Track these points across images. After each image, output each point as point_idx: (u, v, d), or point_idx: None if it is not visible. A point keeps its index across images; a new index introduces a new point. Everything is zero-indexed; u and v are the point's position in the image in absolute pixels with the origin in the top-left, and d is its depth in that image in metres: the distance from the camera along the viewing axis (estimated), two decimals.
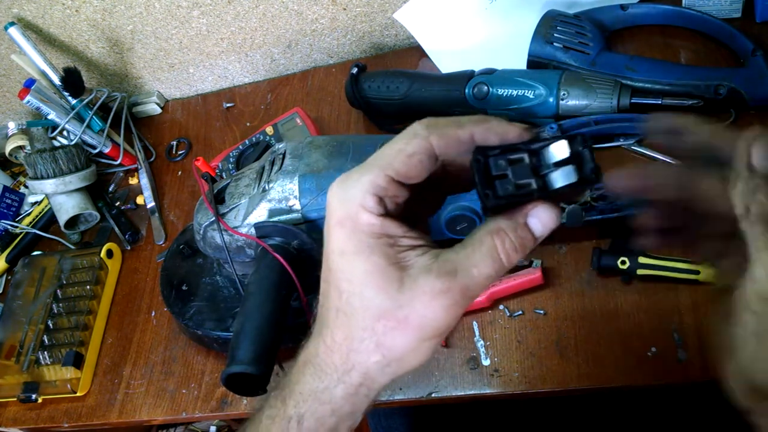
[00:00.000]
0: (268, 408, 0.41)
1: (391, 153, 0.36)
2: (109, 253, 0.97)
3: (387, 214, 0.36)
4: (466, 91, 0.85)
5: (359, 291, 0.36)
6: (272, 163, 0.74)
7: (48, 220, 1.08)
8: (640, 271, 0.69)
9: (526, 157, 0.35)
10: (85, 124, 1.05)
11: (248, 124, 1.08)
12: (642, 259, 0.68)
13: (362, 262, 0.36)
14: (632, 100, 0.78)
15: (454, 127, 0.36)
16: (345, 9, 1.02)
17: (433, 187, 0.39)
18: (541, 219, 0.36)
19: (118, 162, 1.09)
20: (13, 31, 1.01)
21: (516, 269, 0.74)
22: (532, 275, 0.72)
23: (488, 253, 0.35)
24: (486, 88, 0.83)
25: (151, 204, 1.05)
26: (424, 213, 0.41)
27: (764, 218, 0.35)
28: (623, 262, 0.69)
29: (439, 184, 0.39)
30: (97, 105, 1.08)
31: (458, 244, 0.36)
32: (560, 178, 0.35)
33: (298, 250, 0.70)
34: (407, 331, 0.35)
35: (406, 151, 0.35)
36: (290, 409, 0.39)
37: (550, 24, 0.85)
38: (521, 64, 0.86)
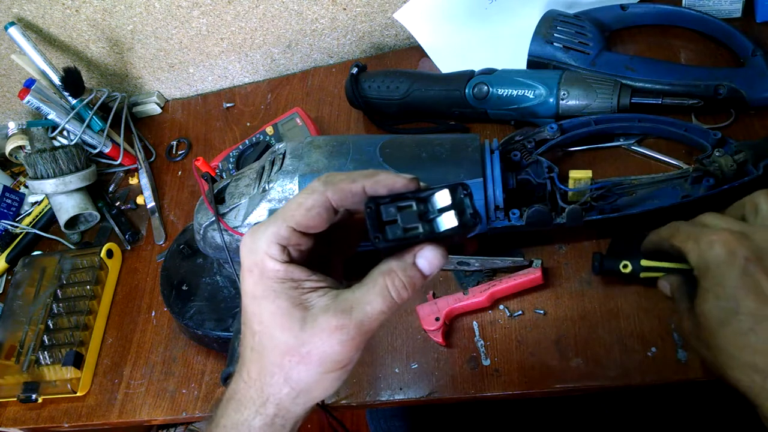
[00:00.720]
0: None
1: (292, 207, 0.40)
2: (109, 253, 0.97)
3: (291, 260, 0.40)
4: (466, 91, 0.85)
5: (268, 331, 0.40)
6: (272, 163, 0.74)
7: (48, 220, 1.08)
8: (643, 275, 0.67)
9: (414, 204, 0.39)
10: (85, 124, 1.05)
11: (248, 124, 1.08)
12: (645, 262, 0.66)
13: (269, 305, 0.40)
14: (632, 100, 0.78)
15: (347, 181, 0.40)
16: (345, 9, 1.02)
17: (343, 234, 0.44)
18: (428, 259, 0.40)
19: (118, 162, 1.10)
20: (13, 31, 1.01)
21: (516, 269, 0.74)
22: (532, 275, 0.72)
23: (380, 291, 0.39)
24: (486, 88, 0.84)
25: (151, 204, 1.05)
26: (338, 257, 0.46)
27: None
28: (625, 266, 0.66)
29: (349, 231, 0.44)
30: (97, 105, 1.08)
31: (356, 284, 0.40)
32: (444, 223, 0.39)
33: None
34: (310, 366, 0.39)
35: (306, 205, 0.40)
36: None
37: (550, 24, 0.85)
38: (521, 64, 0.86)
